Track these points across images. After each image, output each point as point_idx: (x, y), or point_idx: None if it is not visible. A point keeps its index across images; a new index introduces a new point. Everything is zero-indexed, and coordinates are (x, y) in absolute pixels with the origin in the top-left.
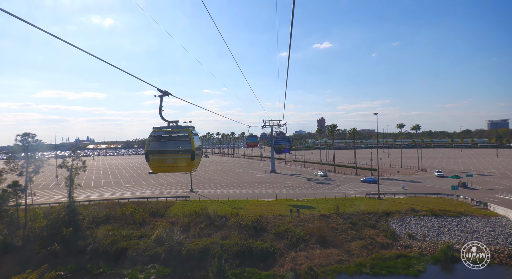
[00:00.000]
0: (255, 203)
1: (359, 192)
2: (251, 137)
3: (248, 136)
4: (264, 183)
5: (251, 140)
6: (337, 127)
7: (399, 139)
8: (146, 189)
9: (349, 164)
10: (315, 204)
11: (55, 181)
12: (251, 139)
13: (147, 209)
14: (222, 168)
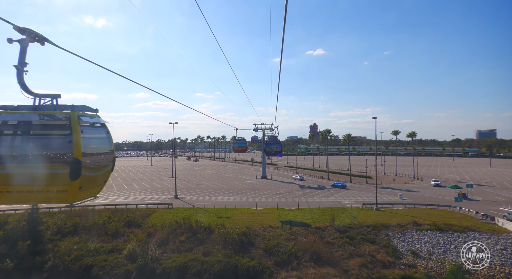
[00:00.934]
0: (244, 213)
1: (355, 201)
2: (239, 141)
3: (235, 139)
4: (255, 189)
5: (239, 144)
6: (331, 132)
7: (391, 146)
8: (127, 194)
9: (343, 171)
10: (308, 214)
11: None
12: (238, 144)
13: (123, 218)
14: (211, 172)
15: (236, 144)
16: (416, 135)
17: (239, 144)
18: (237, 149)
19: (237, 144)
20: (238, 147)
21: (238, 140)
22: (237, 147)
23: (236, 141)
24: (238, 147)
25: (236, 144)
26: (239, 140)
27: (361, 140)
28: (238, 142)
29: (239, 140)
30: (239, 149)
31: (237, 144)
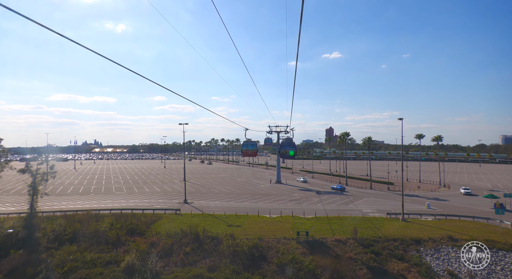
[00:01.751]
0: (256, 221)
1: (378, 210)
2: (248, 144)
3: (244, 142)
4: (268, 195)
5: (248, 147)
6: (349, 135)
7: (411, 151)
8: (136, 198)
9: (362, 176)
10: (326, 223)
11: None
12: (248, 146)
13: (126, 224)
14: (224, 176)
15: (245, 146)
16: (443, 139)
17: (248, 147)
18: (246, 153)
19: (246, 147)
20: (247, 151)
21: (247, 143)
22: (245, 151)
23: (245, 143)
24: (247, 151)
25: (245, 147)
26: (248, 142)
27: (379, 145)
28: (247, 145)
29: (248, 143)
30: (248, 153)
31: (246, 146)
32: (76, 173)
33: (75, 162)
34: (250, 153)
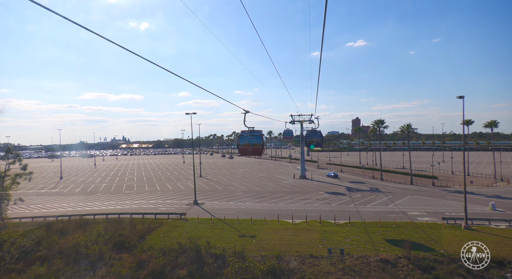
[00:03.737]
0: (275, 228)
1: (427, 213)
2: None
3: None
4: (291, 193)
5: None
6: (384, 123)
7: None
8: (144, 197)
9: (398, 169)
10: (364, 232)
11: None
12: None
13: (115, 235)
14: (244, 171)
15: (242, 140)
16: (498, 124)
17: (247, 140)
18: (244, 149)
19: (245, 141)
20: (246, 146)
21: (246, 134)
22: (244, 146)
23: (243, 135)
24: (246, 146)
25: (243, 140)
26: (248, 133)
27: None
28: (247, 137)
29: (248, 134)
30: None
31: (245, 140)
32: (94, 170)
33: (97, 159)
34: (251, 150)
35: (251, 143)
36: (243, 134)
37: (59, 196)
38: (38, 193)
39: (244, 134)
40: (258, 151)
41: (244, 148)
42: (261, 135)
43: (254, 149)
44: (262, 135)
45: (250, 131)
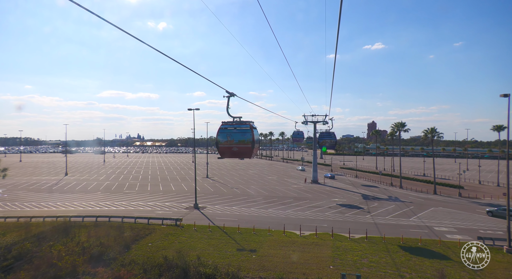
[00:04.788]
0: (279, 241)
1: (458, 230)
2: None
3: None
4: (301, 198)
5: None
6: (405, 125)
7: (468, 147)
8: (143, 198)
9: (418, 176)
10: (385, 252)
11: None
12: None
13: (95, 244)
14: (253, 173)
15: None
16: None
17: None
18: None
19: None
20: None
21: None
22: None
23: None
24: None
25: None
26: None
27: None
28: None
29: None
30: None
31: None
32: (102, 167)
33: (109, 156)
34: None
35: (236, 139)
36: (225, 127)
37: (57, 194)
38: (37, 189)
39: (226, 127)
40: (246, 151)
41: (226, 147)
42: (250, 127)
43: (240, 148)
44: (253, 128)
45: (234, 123)
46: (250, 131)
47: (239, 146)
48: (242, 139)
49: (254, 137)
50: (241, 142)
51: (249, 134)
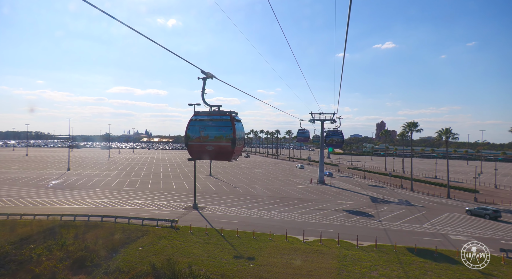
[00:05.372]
0: (280, 248)
1: (475, 238)
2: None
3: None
4: (306, 200)
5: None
6: (418, 125)
7: (480, 149)
8: (142, 197)
9: (429, 179)
10: (397, 264)
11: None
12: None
13: (79, 248)
14: (257, 172)
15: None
16: None
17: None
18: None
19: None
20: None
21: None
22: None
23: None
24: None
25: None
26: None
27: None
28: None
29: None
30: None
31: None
32: (106, 163)
33: (115, 151)
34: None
35: (212, 135)
36: (197, 118)
37: (55, 190)
38: (36, 184)
39: (199, 119)
40: (224, 151)
41: (198, 145)
42: (231, 119)
43: (217, 147)
44: (235, 121)
45: (211, 113)
46: (231, 124)
47: (215, 144)
48: (220, 134)
49: (235, 132)
50: (218, 139)
51: (229, 129)
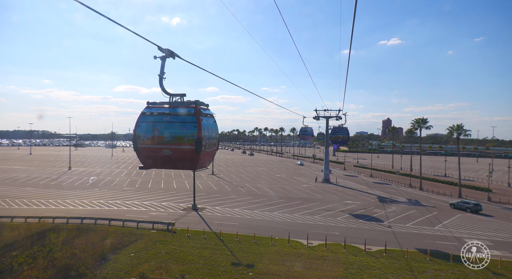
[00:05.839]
0: (282, 254)
1: (493, 242)
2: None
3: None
4: (310, 200)
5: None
6: (427, 122)
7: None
8: (140, 197)
9: (439, 177)
10: (408, 270)
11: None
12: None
13: (66, 256)
14: (261, 170)
15: (144, 128)
16: None
17: (161, 129)
18: (148, 152)
19: (152, 129)
20: (153, 142)
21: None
22: (148, 143)
23: (144, 119)
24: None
25: (147, 130)
26: (166, 109)
27: (446, 138)
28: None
29: (165, 109)
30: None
31: (152, 128)
32: (108, 161)
33: (118, 150)
34: (170, 155)
35: (170, 135)
36: (151, 112)
37: (53, 190)
38: (35, 184)
39: (153, 112)
40: (186, 157)
41: (149, 148)
42: (196, 113)
43: (176, 152)
44: (201, 116)
45: (169, 105)
46: (196, 120)
47: (173, 147)
48: (180, 134)
49: (202, 131)
50: (178, 140)
51: (192, 126)
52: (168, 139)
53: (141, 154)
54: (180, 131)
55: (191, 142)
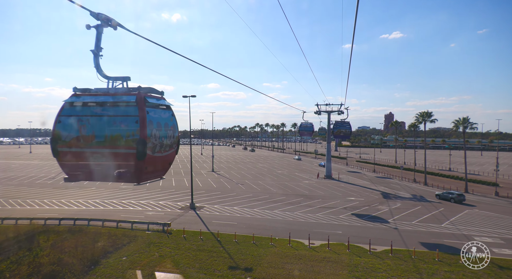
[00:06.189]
0: (283, 256)
1: (504, 240)
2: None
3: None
4: (312, 197)
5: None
6: (432, 115)
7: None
8: (138, 195)
9: (444, 171)
10: (415, 272)
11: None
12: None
13: (51, 262)
14: (262, 166)
15: (65, 124)
16: None
17: (67, 128)
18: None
19: (67, 126)
20: (75, 145)
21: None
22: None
23: (67, 112)
24: (75, 145)
25: (67, 127)
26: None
27: (449, 132)
28: (78, 115)
29: (88, 105)
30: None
31: (73, 124)
32: None
33: None
34: (103, 163)
35: (101, 135)
36: (77, 102)
37: (49, 189)
38: (31, 183)
39: (81, 102)
40: (125, 166)
41: (74, 153)
42: (139, 102)
43: (111, 158)
44: (145, 106)
45: (102, 94)
46: (138, 112)
47: (106, 151)
48: (116, 133)
49: (145, 128)
50: (112, 140)
51: (132, 121)
52: (100, 139)
53: (63, 162)
54: (115, 128)
55: (131, 143)
